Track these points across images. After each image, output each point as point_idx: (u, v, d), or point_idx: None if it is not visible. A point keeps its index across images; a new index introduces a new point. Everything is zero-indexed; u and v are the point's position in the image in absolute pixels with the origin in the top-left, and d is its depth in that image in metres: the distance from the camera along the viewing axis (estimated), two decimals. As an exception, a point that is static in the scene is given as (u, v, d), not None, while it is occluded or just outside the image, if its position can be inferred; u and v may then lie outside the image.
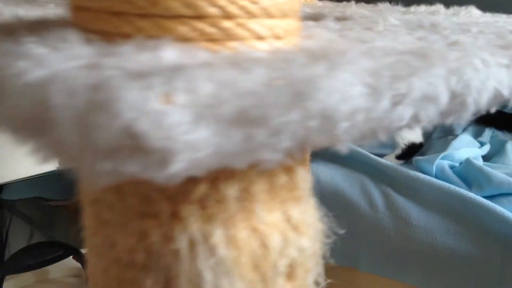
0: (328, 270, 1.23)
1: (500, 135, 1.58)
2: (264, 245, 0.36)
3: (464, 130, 1.53)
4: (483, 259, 1.05)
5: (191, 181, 0.32)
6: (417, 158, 1.24)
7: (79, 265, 1.26)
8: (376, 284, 1.24)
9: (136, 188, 0.34)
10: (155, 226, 0.33)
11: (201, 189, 0.33)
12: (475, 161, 1.18)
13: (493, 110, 0.39)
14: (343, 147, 0.30)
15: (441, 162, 1.21)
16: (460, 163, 1.24)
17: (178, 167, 0.23)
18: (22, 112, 0.25)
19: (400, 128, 0.32)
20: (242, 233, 0.34)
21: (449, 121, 0.36)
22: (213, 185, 0.33)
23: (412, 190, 1.19)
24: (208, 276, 0.32)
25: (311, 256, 0.40)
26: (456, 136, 1.41)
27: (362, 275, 1.25)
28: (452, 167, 1.22)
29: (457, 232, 1.09)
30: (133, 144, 0.22)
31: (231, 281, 0.33)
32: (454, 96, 0.33)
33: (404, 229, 1.15)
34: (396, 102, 0.30)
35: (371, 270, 1.22)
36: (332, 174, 1.31)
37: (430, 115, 0.33)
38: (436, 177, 1.19)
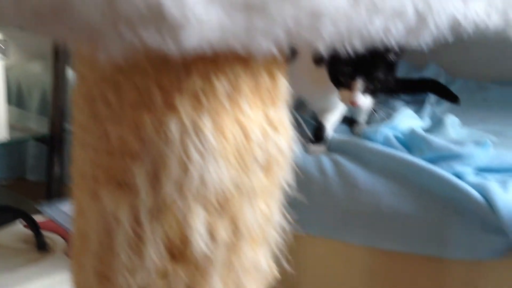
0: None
1: (438, 111, 1.68)
2: (247, 137, 0.39)
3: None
4: (423, 218, 1.13)
5: (185, 73, 0.34)
6: (364, 128, 1.31)
7: (29, 231, 1.24)
8: (321, 247, 1.30)
9: (133, 82, 0.36)
10: (149, 116, 0.36)
11: (194, 81, 0.36)
12: (417, 129, 1.26)
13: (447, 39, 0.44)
14: (323, 48, 0.34)
15: (386, 131, 1.28)
16: (404, 134, 1.32)
17: (189, 40, 0.26)
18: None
19: (373, 38, 0.37)
20: (228, 124, 0.38)
21: (413, 41, 0.40)
22: (206, 78, 0.36)
23: (359, 157, 1.26)
24: (196, 160, 0.35)
25: (285, 156, 0.43)
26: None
27: (309, 239, 1.30)
28: (396, 137, 1.29)
29: (400, 193, 1.17)
30: (155, 14, 0.25)
31: (216, 166, 0.37)
32: (418, 14, 0.38)
33: (352, 193, 1.22)
34: (371, 10, 0.34)
35: (319, 233, 1.28)
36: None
37: (399, 31, 0.38)
38: (382, 144, 1.26)
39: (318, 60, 1.27)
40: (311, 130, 1.39)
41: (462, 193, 1.09)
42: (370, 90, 1.19)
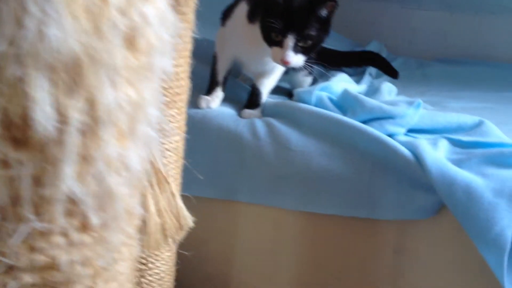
0: (208, 202, 1.22)
1: (376, 82, 1.67)
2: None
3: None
4: (353, 177, 1.10)
5: None
6: (297, 90, 1.27)
7: None
8: (253, 213, 1.25)
9: None
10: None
11: None
12: (351, 91, 1.23)
13: None
14: None
15: (320, 93, 1.25)
16: (337, 96, 1.29)
17: None
18: None
19: None
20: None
21: None
22: None
23: (292, 119, 1.22)
24: (34, 12, 0.29)
25: (157, 33, 0.38)
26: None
27: (240, 206, 1.26)
28: (330, 99, 1.26)
29: (332, 153, 1.14)
30: None
31: (60, 22, 0.31)
32: None
33: (284, 154, 1.18)
34: None
35: (250, 199, 1.24)
36: (220, 111, 1.30)
37: None
38: (315, 106, 1.23)
39: (251, 16, 1.22)
40: (247, 96, 1.35)
41: (391, 150, 1.07)
42: (302, 48, 1.15)
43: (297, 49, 1.14)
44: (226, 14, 1.35)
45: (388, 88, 1.49)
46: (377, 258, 1.14)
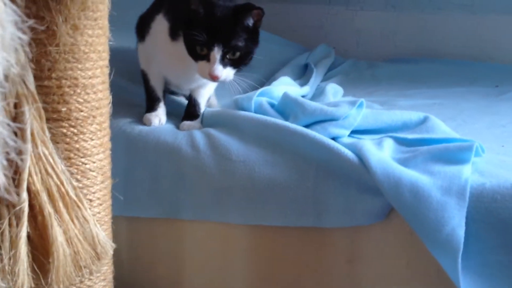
0: (151, 223, 1.14)
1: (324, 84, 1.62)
2: None
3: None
4: (298, 184, 1.04)
5: None
6: (236, 97, 1.20)
7: None
8: (199, 230, 1.18)
9: None
10: None
11: None
12: (291, 94, 1.17)
13: None
14: None
15: (259, 98, 1.19)
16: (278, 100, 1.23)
17: None
18: None
19: None
20: None
21: None
22: None
23: (232, 128, 1.16)
24: None
25: None
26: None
27: (185, 223, 1.18)
28: (272, 105, 1.20)
29: (274, 161, 1.07)
30: None
31: None
32: None
33: (225, 166, 1.11)
34: None
35: (194, 216, 1.16)
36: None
37: None
38: (255, 112, 1.17)
39: (173, 33, 1.14)
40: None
41: (335, 154, 1.01)
42: (231, 60, 1.08)
43: (225, 62, 1.07)
44: (142, 28, 1.25)
45: (333, 90, 1.44)
46: (330, 269, 1.07)
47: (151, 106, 1.24)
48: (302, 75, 1.77)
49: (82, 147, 0.85)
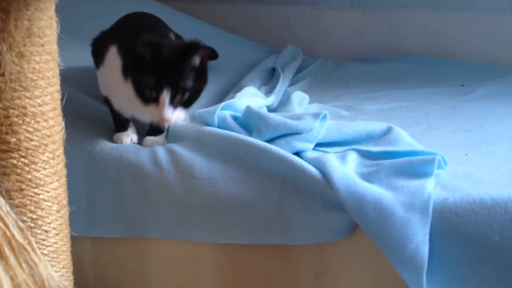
0: (116, 243, 1.11)
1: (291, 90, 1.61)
2: None
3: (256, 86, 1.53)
4: (262, 202, 1.03)
5: None
6: (199, 111, 1.18)
7: None
8: (165, 249, 1.15)
9: None
10: None
11: None
12: (253, 107, 1.15)
13: None
14: None
15: (222, 112, 1.16)
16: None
17: None
18: None
19: None
20: None
21: None
22: None
23: (194, 143, 1.13)
24: None
25: None
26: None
27: (150, 242, 1.16)
28: (236, 118, 1.18)
29: (238, 178, 1.05)
30: None
31: None
32: None
33: (188, 183, 1.08)
34: None
35: (159, 235, 1.13)
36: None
37: None
38: (218, 127, 1.14)
39: (126, 73, 1.08)
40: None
41: (298, 170, 0.99)
42: (180, 102, 1.05)
43: (175, 104, 1.04)
44: (97, 55, 1.21)
45: (299, 98, 1.43)
46: (297, 285, 1.06)
47: (120, 126, 1.20)
48: (270, 79, 1.75)
49: (35, 177, 0.82)
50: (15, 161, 0.80)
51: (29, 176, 0.81)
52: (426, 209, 0.87)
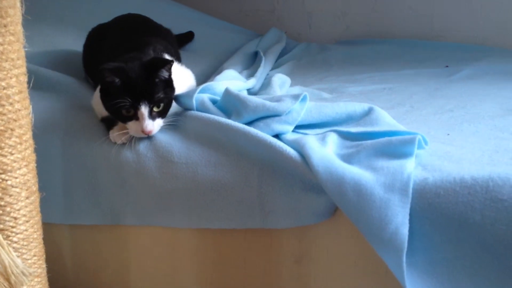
0: (94, 230, 1.08)
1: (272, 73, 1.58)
2: None
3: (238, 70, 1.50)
4: (242, 185, 1.01)
5: None
6: (176, 94, 1.15)
7: None
8: (144, 236, 1.13)
9: None
10: None
11: None
12: (232, 90, 1.13)
13: None
14: None
15: (201, 95, 1.13)
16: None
17: None
18: None
19: None
20: None
21: None
22: None
23: (173, 126, 1.10)
24: None
25: None
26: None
27: (128, 229, 1.13)
28: (214, 102, 1.15)
29: (218, 162, 1.03)
30: None
31: None
32: None
33: (167, 168, 1.06)
34: None
35: (137, 221, 1.11)
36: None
37: None
38: (197, 110, 1.12)
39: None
40: None
41: (277, 152, 0.97)
42: (157, 113, 1.07)
43: (153, 116, 1.06)
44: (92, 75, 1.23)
45: (280, 81, 1.40)
46: (278, 270, 1.05)
47: (110, 126, 1.15)
48: (252, 63, 1.72)
49: (1, 162, 0.79)
50: (-21, 146, 0.77)
51: (-6, 161, 0.78)
52: (406, 190, 0.85)
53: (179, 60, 1.34)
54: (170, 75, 1.09)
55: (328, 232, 0.98)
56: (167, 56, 1.21)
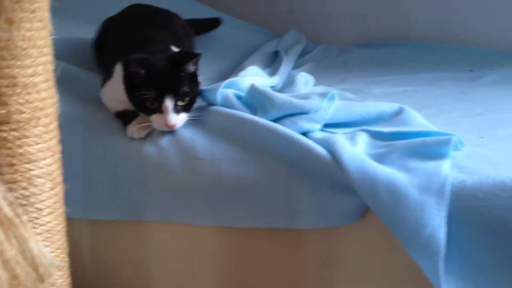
0: (114, 226, 1.05)
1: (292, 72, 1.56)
2: None
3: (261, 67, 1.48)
4: (268, 184, 0.98)
5: None
6: (201, 89, 1.12)
7: None
8: (164, 233, 1.11)
9: None
10: None
11: None
12: (258, 86, 1.10)
13: None
14: None
15: (225, 90, 1.11)
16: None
17: None
18: None
19: None
20: None
21: None
22: None
23: (197, 122, 1.08)
24: None
25: None
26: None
27: (149, 225, 1.11)
28: (239, 98, 1.12)
29: (243, 159, 1.00)
30: None
31: None
32: None
33: (190, 164, 1.04)
34: None
35: (158, 218, 1.09)
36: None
37: None
38: (221, 105, 1.09)
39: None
40: None
41: (306, 151, 0.94)
42: (182, 107, 1.04)
43: (177, 109, 1.03)
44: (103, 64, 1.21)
45: (304, 79, 1.37)
46: (303, 271, 1.01)
47: (129, 120, 1.13)
48: (272, 63, 1.69)
49: (26, 152, 0.77)
50: (5, 135, 0.74)
51: (20, 151, 0.76)
52: (443, 192, 0.82)
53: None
54: (196, 69, 1.07)
55: (357, 234, 0.95)
56: (174, 48, 1.18)
